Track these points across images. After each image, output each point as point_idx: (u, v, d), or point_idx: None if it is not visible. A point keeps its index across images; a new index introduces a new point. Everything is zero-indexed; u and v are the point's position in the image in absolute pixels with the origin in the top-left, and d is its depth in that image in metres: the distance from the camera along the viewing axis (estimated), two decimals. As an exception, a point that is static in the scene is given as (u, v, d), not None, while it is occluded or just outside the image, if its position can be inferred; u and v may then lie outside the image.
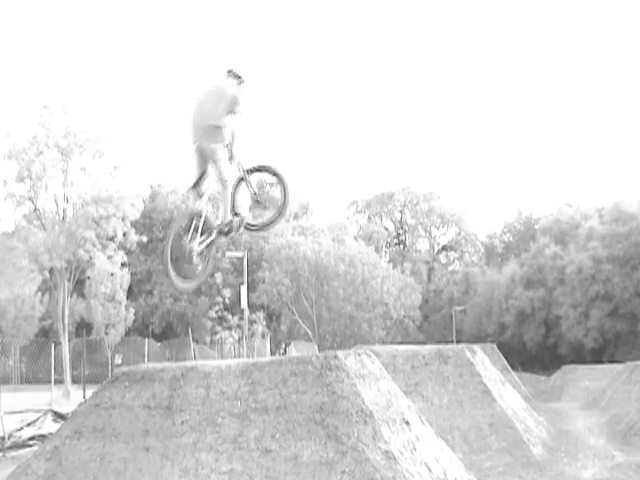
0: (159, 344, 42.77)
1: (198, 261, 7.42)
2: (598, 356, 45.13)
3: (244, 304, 35.49)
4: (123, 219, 37.48)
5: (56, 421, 16.47)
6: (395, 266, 57.29)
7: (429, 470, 8.92)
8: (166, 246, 7.20)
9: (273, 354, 40.71)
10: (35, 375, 33.49)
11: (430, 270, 66.33)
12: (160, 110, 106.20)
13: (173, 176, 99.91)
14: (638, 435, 16.98)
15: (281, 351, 41.94)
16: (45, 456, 9.92)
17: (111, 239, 37.64)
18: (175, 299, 51.82)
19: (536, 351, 51.80)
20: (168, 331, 51.40)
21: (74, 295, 40.41)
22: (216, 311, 50.01)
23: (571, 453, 15.51)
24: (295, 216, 65.12)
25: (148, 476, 8.98)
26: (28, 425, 16.60)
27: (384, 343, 45.09)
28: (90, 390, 15.50)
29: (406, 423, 9.53)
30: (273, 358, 10.65)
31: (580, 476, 13.01)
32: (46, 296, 43.01)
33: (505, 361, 32.68)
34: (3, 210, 37.32)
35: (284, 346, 43.41)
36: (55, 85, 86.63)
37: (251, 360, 10.53)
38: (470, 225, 69.33)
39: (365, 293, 52.18)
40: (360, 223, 71.58)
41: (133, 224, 38.77)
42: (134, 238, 38.74)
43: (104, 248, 37.48)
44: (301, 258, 51.55)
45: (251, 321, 46.04)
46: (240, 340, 42.97)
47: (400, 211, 71.14)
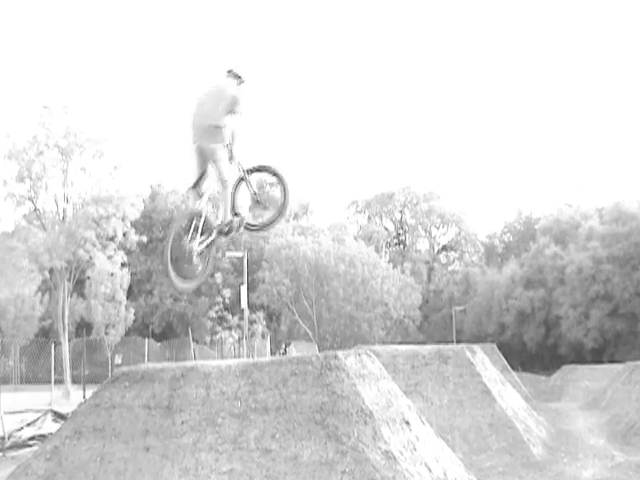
0: (159, 344, 42.77)
1: (198, 261, 7.40)
2: (598, 356, 45.11)
3: (244, 304, 35.49)
4: (123, 219, 37.47)
5: (56, 421, 16.47)
6: (395, 266, 57.28)
7: (429, 470, 8.92)
8: (166, 246, 7.19)
9: (273, 354, 40.70)
10: (35, 375, 33.48)
11: (430, 270, 66.32)
12: (160, 110, 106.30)
13: (173, 176, 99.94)
14: (638, 435, 16.97)
15: (281, 351, 41.94)
16: (45, 456, 9.92)
17: (111, 239, 37.64)
18: (175, 299, 51.81)
19: (536, 351, 51.79)
20: (168, 331, 51.38)
21: (74, 295, 40.42)
22: (216, 311, 50.00)
23: (571, 453, 15.51)
24: (295, 216, 65.11)
25: (148, 476, 8.98)
26: (28, 425, 16.59)
27: (384, 343, 45.09)
28: (90, 390, 15.50)
29: (406, 423, 9.53)
30: (273, 358, 10.65)
31: (580, 476, 13.01)
32: (46, 296, 43.01)
33: (505, 361, 32.67)
34: (3, 210, 37.35)
35: (284, 346, 43.41)
36: (55, 85, 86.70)
37: (251, 360, 10.53)
38: (470, 225, 69.35)
39: (365, 293, 52.16)
40: (360, 223, 71.58)
41: (133, 224, 38.77)
42: (134, 238, 38.74)
43: (104, 248, 37.48)
44: (301, 258, 51.54)
45: (251, 321, 46.04)
46: (240, 340, 42.97)
47: (400, 211, 71.11)
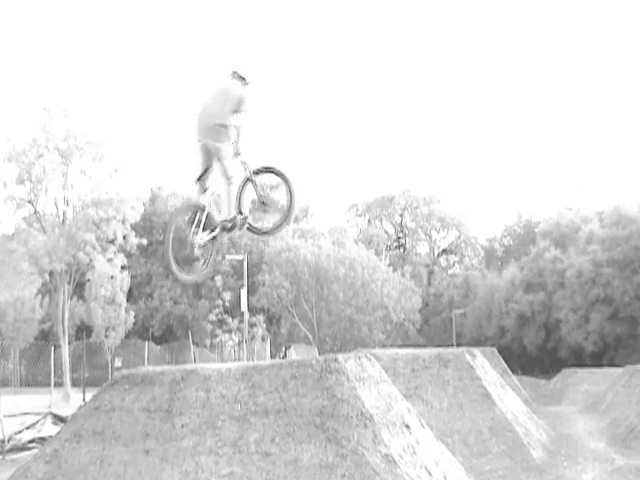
0: (159, 347, 42.74)
1: (200, 255, 7.42)
2: (598, 359, 45.09)
3: (244, 307, 35.49)
4: (123, 222, 37.47)
5: (56, 424, 16.43)
6: (395, 269, 57.28)
7: (429, 474, 8.92)
8: (167, 237, 7.20)
9: (273, 357, 40.69)
10: (35, 378, 33.48)
11: (430, 273, 66.31)
12: (161, 113, 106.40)
13: (173, 179, 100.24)
14: (638, 439, 16.96)
15: (281, 354, 41.94)
16: (45, 459, 9.92)
17: (111, 242, 37.64)
18: (175, 302, 51.79)
19: (536, 354, 51.77)
20: (168, 334, 51.32)
21: (74, 298, 40.40)
22: (216, 314, 49.96)
23: (571, 456, 15.50)
24: (295, 219, 65.05)
25: (148, 479, 8.97)
26: (28, 428, 16.56)
27: (384, 346, 45.12)
28: (90, 393, 15.51)
29: (406, 426, 9.53)
30: (273, 361, 10.65)
31: (580, 479, 13.01)
32: (46, 299, 42.99)
33: (505, 364, 32.62)
34: (3, 213, 37.18)
35: (284, 349, 43.40)
36: (55, 88, 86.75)
37: (251, 363, 10.53)
38: (470, 228, 69.33)
39: (365, 296, 52.14)
40: (360, 226, 71.53)
41: (133, 227, 38.78)
42: (134, 241, 38.73)
43: (104, 251, 37.48)
44: (301, 261, 51.52)
45: (251, 324, 46.03)
46: (240, 343, 42.93)
47: (400, 214, 71.09)
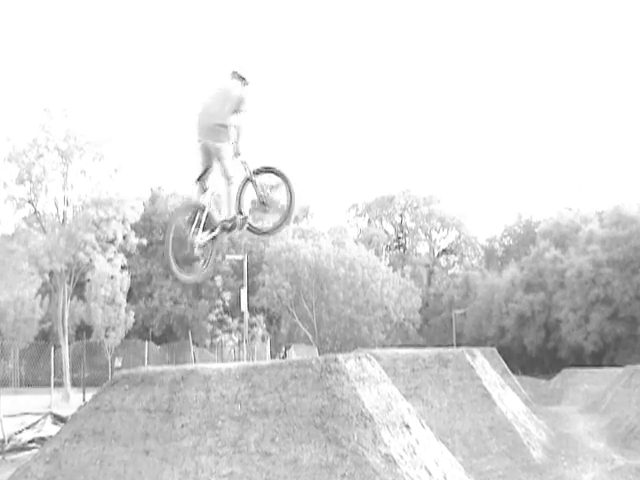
0: (159, 347, 42.75)
1: (200, 255, 7.42)
2: (598, 359, 45.08)
3: (244, 307, 35.49)
4: (123, 222, 37.47)
5: (56, 424, 16.42)
6: (395, 269, 57.27)
7: (429, 474, 8.92)
8: (167, 237, 7.20)
9: (273, 357, 40.69)
10: (35, 378, 33.49)
11: (430, 273, 66.31)
12: (161, 113, 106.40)
13: (173, 179, 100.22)
14: (638, 439, 16.95)
15: (281, 354, 41.93)
16: (45, 459, 9.92)
17: (111, 242, 37.63)
18: (175, 302, 51.79)
19: (536, 354, 51.76)
20: (168, 334, 51.32)
21: (74, 298, 40.40)
22: (216, 314, 49.95)
23: (571, 457, 15.50)
24: (295, 219, 65.02)
25: (148, 479, 8.97)
26: (28, 428, 16.55)
27: (384, 346, 45.11)
28: (90, 393, 15.52)
29: (406, 426, 9.53)
30: (273, 361, 10.65)
31: (580, 479, 13.00)
32: (46, 299, 42.99)
33: (505, 364, 32.61)
34: (3, 213, 37.16)
35: (284, 349, 43.40)
36: (55, 88, 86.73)
37: (251, 363, 10.53)
38: (470, 228, 69.33)
39: (365, 296, 52.14)
40: (360, 226, 71.51)
41: (133, 227, 38.77)
42: (134, 241, 38.73)
43: (104, 251, 37.47)
44: (301, 261, 51.52)
45: (251, 324, 46.02)
46: (240, 343, 42.93)
47: (400, 214, 71.07)
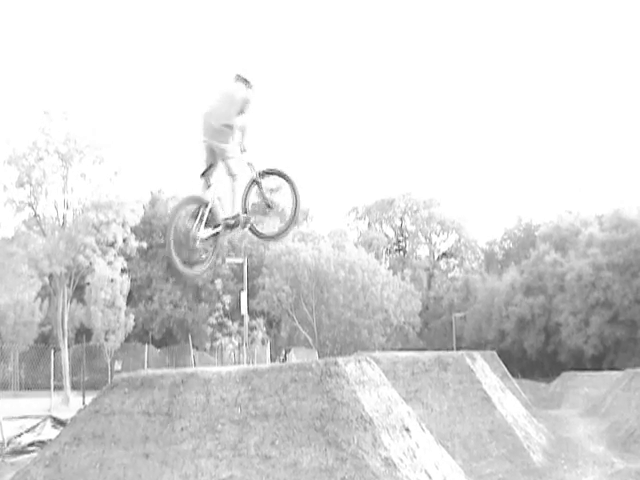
0: (159, 350, 42.76)
1: (201, 249, 7.44)
2: (598, 363, 45.05)
3: (244, 310, 35.45)
4: (123, 225, 37.45)
5: (55, 427, 16.41)
6: (395, 273, 57.23)
7: (429, 477, 8.91)
8: (170, 229, 7.24)
9: (273, 360, 40.66)
10: (34, 381, 33.49)
11: (430, 277, 66.29)
12: (161, 115, 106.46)
13: (173, 182, 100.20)
14: (638, 442, 16.94)
15: (281, 357, 41.89)
16: (44, 462, 9.91)
17: (111, 245, 37.60)
18: (175, 305, 51.76)
19: (536, 358, 51.71)
20: (168, 337, 51.30)
21: (74, 301, 40.35)
22: (216, 317, 49.89)
23: (571, 460, 15.48)
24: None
25: (147, 482, 8.96)
26: (27, 431, 16.53)
27: (384, 349, 45.05)
28: (90, 396, 15.51)
29: (406, 430, 9.53)
30: (273, 365, 10.66)
31: (580, 483, 13.00)
32: (46, 302, 42.96)
33: (505, 368, 32.58)
34: (3, 216, 37.15)
35: (284, 352, 43.37)
36: (55, 91, 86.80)
37: (251, 367, 10.52)
38: (470, 232, 69.30)
39: (365, 299, 52.11)
40: (360, 229, 71.51)
41: (133, 230, 38.74)
42: (134, 244, 38.70)
43: (104, 254, 37.43)
44: (301, 264, 51.51)
45: (251, 327, 45.97)
46: (240, 346, 42.90)
47: (400, 218, 71.09)
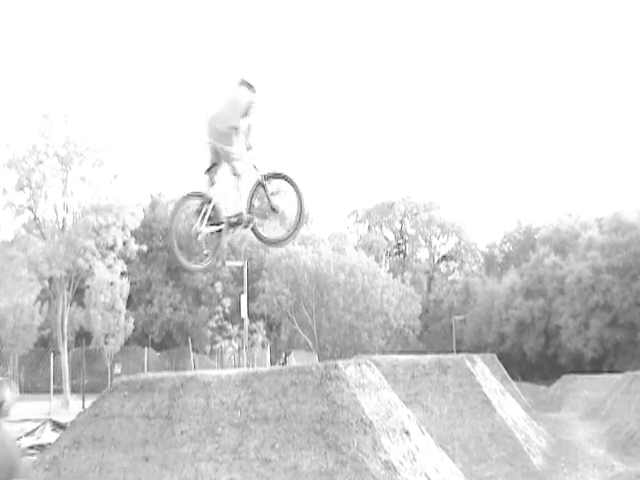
0: (159, 354, 42.74)
1: (204, 246, 7.47)
2: (598, 366, 45.03)
3: (244, 313, 35.45)
4: (123, 228, 37.41)
5: (55, 431, 16.39)
6: (395, 276, 57.25)
7: (429, 480, 8.91)
8: (172, 222, 7.36)
9: (273, 364, 40.64)
10: (34, 385, 33.40)
11: (430, 280, 66.30)
12: (161, 119, 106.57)
13: (173, 185, 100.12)
14: (638, 445, 16.93)
15: (281, 361, 41.87)
16: (44, 466, 9.90)
17: (111, 248, 37.56)
18: (175, 308, 51.73)
19: (536, 361, 51.70)
20: (168, 341, 51.26)
21: (73, 304, 40.29)
22: (216, 320, 49.86)
23: (571, 463, 15.48)
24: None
25: (147, 486, 8.96)
26: (27, 435, 16.51)
27: (384, 353, 45.02)
28: (89, 400, 15.49)
29: (406, 433, 9.53)
30: (273, 368, 10.66)
31: (580, 486, 12.99)
32: (45, 305, 42.89)
33: (505, 371, 32.59)
34: (2, 219, 37.09)
35: (284, 356, 43.34)
36: (55, 94, 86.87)
37: (251, 370, 10.53)
38: (470, 235, 69.35)
39: (365, 303, 52.11)
40: (360, 233, 71.52)
41: (133, 233, 38.70)
42: (134, 247, 38.65)
43: (104, 257, 37.40)
44: (301, 267, 51.52)
45: (251, 330, 45.94)
46: (240, 350, 42.87)
47: (400, 221, 71.11)
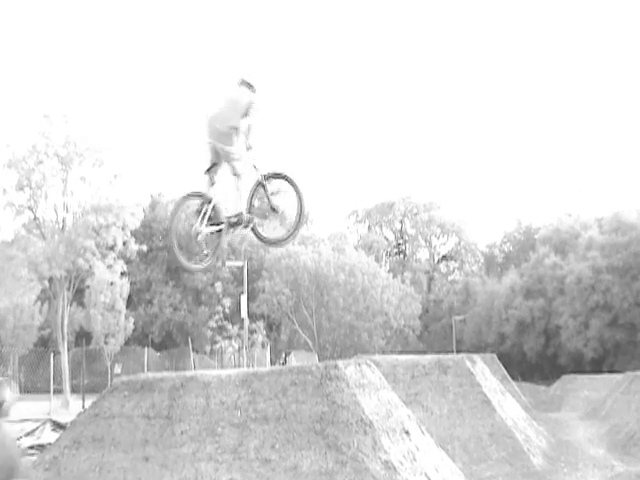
0: (159, 354, 42.73)
1: (204, 245, 7.48)
2: (598, 366, 45.03)
3: (244, 313, 35.44)
4: (123, 228, 37.40)
5: (55, 431, 16.39)
6: (395, 276, 57.25)
7: (429, 480, 8.91)
8: (173, 221, 7.38)
9: (273, 364, 40.64)
10: (34, 385, 33.39)
11: (430, 280, 66.30)
12: (161, 119, 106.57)
13: (173, 185, 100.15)
14: (638, 445, 16.93)
15: (281, 361, 41.87)
16: (44, 466, 9.90)
17: (111, 248, 37.56)
18: (175, 308, 51.72)
19: (536, 361, 51.70)
20: (168, 341, 51.25)
21: (73, 304, 40.29)
22: (216, 320, 49.86)
23: (571, 463, 15.48)
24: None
25: (147, 486, 8.95)
26: (27, 435, 16.50)
27: (384, 353, 45.02)
28: (89, 400, 15.49)
29: (406, 433, 9.53)
30: (273, 368, 10.66)
31: (580, 486, 12.99)
32: (45, 305, 42.88)
33: (505, 371, 32.59)
34: (3, 219, 37.10)
35: (284, 356, 43.34)
36: (55, 94, 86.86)
37: (251, 370, 10.53)
38: (470, 235, 69.34)
39: (365, 303, 52.11)
40: (360, 233, 71.51)
41: (133, 233, 38.69)
42: (134, 247, 38.65)
43: (104, 257, 37.39)
44: (301, 267, 51.51)
45: (251, 331, 45.94)
46: (240, 350, 42.87)
47: (400, 221, 71.11)
